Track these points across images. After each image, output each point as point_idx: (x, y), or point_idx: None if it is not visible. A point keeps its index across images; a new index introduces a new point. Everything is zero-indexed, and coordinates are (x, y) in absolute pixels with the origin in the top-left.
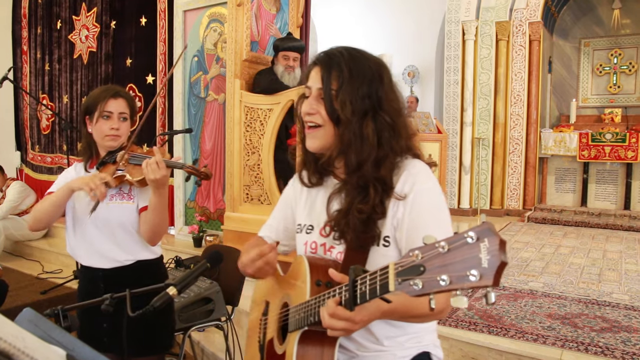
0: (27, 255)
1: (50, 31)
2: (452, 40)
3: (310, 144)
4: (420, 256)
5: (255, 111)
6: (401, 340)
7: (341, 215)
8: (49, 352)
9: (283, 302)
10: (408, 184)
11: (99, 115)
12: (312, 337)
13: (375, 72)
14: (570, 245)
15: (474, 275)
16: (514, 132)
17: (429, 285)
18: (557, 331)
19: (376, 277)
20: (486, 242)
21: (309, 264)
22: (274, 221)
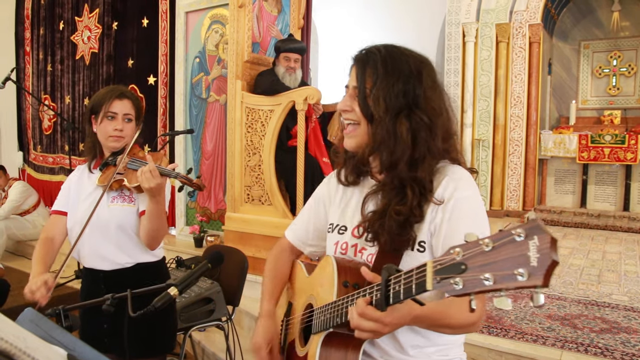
0: (29, 255)
1: (52, 32)
2: (452, 42)
3: (347, 143)
4: (461, 254)
5: (257, 112)
6: (428, 351)
7: (376, 217)
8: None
9: (307, 303)
10: (449, 189)
11: (103, 115)
12: (336, 340)
13: (414, 70)
14: (570, 247)
15: (522, 275)
16: (513, 133)
17: (471, 284)
18: (557, 332)
19: (412, 275)
20: (536, 240)
21: (337, 264)
22: (304, 221)
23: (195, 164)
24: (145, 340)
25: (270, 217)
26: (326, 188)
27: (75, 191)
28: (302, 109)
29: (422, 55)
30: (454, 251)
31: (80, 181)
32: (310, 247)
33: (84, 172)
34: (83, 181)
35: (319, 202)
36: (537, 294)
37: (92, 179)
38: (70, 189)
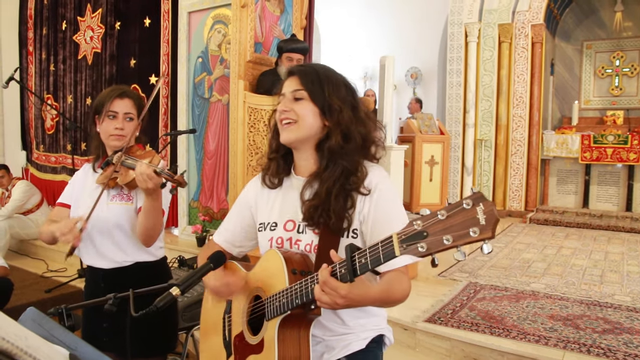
0: (32, 253)
1: (55, 32)
2: (454, 42)
3: (286, 136)
4: (421, 224)
5: (259, 112)
6: (363, 322)
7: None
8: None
9: (252, 296)
10: (373, 183)
11: (105, 114)
12: (289, 322)
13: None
14: (572, 247)
15: (474, 232)
16: (516, 133)
17: (434, 245)
18: (559, 332)
19: (377, 248)
20: (481, 206)
21: (283, 255)
22: (230, 224)
23: (198, 164)
24: (146, 339)
25: None
26: (252, 193)
27: (79, 189)
28: None
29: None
30: (415, 223)
31: (84, 179)
32: (239, 247)
33: (88, 170)
34: (87, 179)
35: (243, 206)
36: (485, 244)
37: (95, 177)
38: (74, 185)
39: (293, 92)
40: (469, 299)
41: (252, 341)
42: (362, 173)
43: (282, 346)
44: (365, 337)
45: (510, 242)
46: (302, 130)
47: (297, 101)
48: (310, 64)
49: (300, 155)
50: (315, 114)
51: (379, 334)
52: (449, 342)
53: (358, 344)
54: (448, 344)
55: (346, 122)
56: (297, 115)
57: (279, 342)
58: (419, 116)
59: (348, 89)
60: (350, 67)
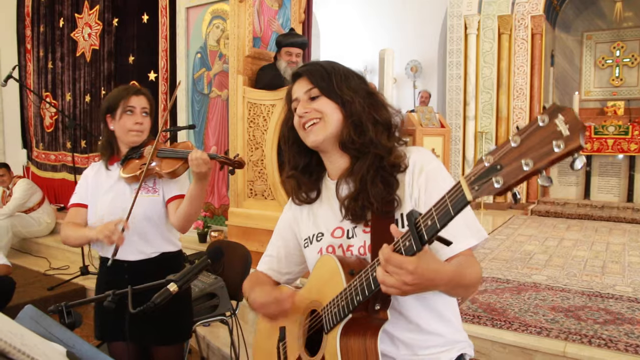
0: (34, 251)
1: (53, 29)
2: (454, 35)
3: (313, 137)
4: (492, 159)
5: (259, 107)
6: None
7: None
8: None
9: (308, 312)
10: (418, 165)
11: (122, 111)
12: (353, 329)
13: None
14: (574, 238)
15: (558, 146)
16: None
17: (511, 175)
18: (561, 324)
19: (445, 201)
20: (560, 117)
21: (337, 257)
22: (273, 250)
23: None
24: (164, 328)
25: (274, 212)
26: (290, 212)
27: (93, 187)
28: None
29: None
30: (485, 159)
31: (97, 177)
32: (285, 275)
33: (100, 169)
34: (100, 178)
35: (285, 227)
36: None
37: (110, 175)
38: (87, 184)
39: (307, 93)
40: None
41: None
42: (398, 154)
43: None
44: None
45: (512, 234)
46: (329, 127)
47: (313, 100)
48: (314, 61)
49: (328, 157)
50: (335, 108)
51: (460, 353)
52: None
53: None
54: None
55: (358, 112)
56: (319, 112)
57: (342, 355)
58: (419, 109)
59: (358, 78)
60: (350, 61)
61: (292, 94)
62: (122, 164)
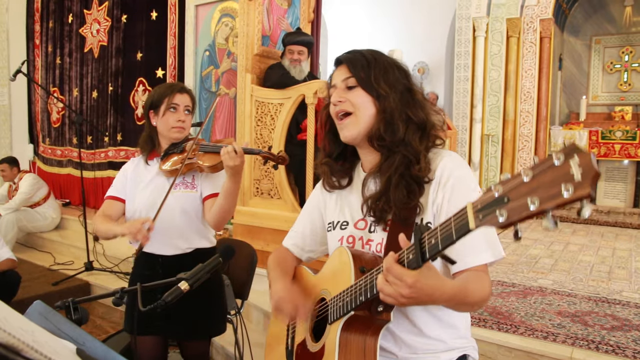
0: (39, 246)
1: (61, 25)
2: (462, 37)
3: (345, 133)
4: (501, 189)
5: (266, 105)
6: (444, 334)
7: (381, 192)
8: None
9: (318, 298)
10: (447, 170)
11: (166, 108)
12: (355, 326)
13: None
14: (579, 243)
15: (567, 190)
16: (523, 129)
17: (516, 211)
18: (567, 329)
19: (449, 224)
20: (576, 158)
21: (351, 252)
22: (300, 226)
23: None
24: (197, 323)
25: (280, 211)
26: (320, 193)
27: (132, 181)
28: (312, 102)
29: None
30: (494, 188)
31: (136, 172)
32: (309, 252)
33: (139, 163)
34: (139, 172)
35: (314, 207)
36: (585, 206)
37: (149, 169)
38: (127, 178)
39: (345, 81)
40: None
41: (313, 349)
42: (426, 161)
43: (344, 353)
44: (447, 359)
45: None
46: (361, 122)
47: (350, 90)
48: (357, 49)
49: (363, 150)
50: (369, 101)
51: (463, 354)
52: None
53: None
54: None
55: (391, 109)
56: (353, 105)
57: (340, 348)
58: None
59: (400, 71)
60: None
61: (331, 81)
62: (162, 159)
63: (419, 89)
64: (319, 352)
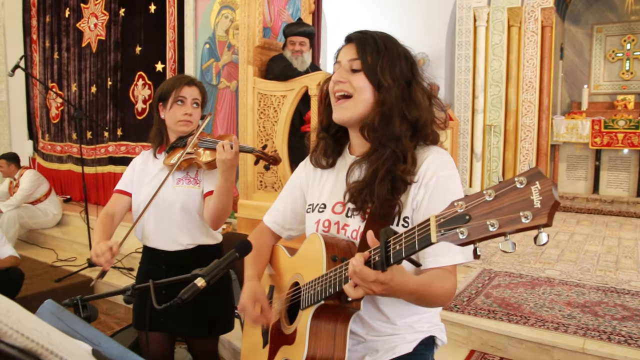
0: (41, 243)
1: (58, 19)
2: (463, 27)
3: (339, 114)
4: (464, 206)
5: (269, 98)
6: (411, 320)
7: (364, 184)
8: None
9: (293, 282)
10: (432, 167)
11: (173, 100)
12: (325, 313)
13: (408, 56)
14: (585, 233)
15: (526, 217)
16: (525, 119)
17: (476, 231)
18: (578, 319)
19: (413, 233)
20: (537, 185)
21: (324, 240)
22: (281, 204)
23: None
24: (205, 320)
25: None
26: (303, 172)
27: (140, 174)
28: (316, 94)
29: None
30: (457, 204)
31: (144, 165)
32: (289, 230)
33: (148, 157)
34: (148, 165)
35: (295, 186)
36: (541, 234)
37: (156, 163)
38: (134, 171)
39: (350, 62)
40: (484, 285)
41: (286, 331)
42: (412, 161)
43: (315, 339)
44: (413, 340)
45: None
46: (357, 107)
47: (353, 73)
48: (370, 31)
49: (354, 133)
50: (370, 89)
51: (429, 335)
52: (466, 330)
53: (405, 347)
54: (465, 332)
55: (390, 102)
56: (353, 88)
57: (310, 335)
58: None
59: (407, 63)
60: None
61: (337, 56)
62: (168, 153)
63: (423, 82)
64: (291, 335)
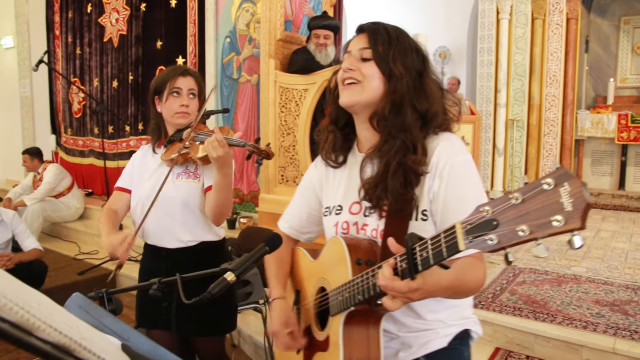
0: (64, 236)
1: (80, 15)
2: (485, 20)
3: (345, 97)
4: (490, 211)
5: (290, 91)
6: (443, 316)
7: (378, 179)
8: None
9: (319, 287)
10: (444, 155)
11: (168, 92)
12: (356, 318)
13: (419, 48)
14: (611, 230)
15: (558, 221)
16: (549, 113)
17: (506, 237)
18: (607, 318)
19: (439, 240)
20: (566, 186)
21: (346, 243)
22: (295, 208)
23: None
24: (205, 318)
25: None
26: (315, 174)
27: (139, 170)
28: None
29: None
30: (483, 209)
31: (143, 160)
32: (307, 234)
33: (147, 151)
34: (147, 160)
35: (308, 188)
36: (575, 237)
37: (155, 158)
38: (133, 167)
39: (361, 51)
40: (509, 282)
41: (318, 337)
42: (422, 151)
43: (349, 346)
44: (447, 334)
45: None
46: (365, 92)
47: (364, 62)
48: (381, 22)
49: (361, 124)
50: (380, 79)
51: (464, 328)
52: (491, 327)
53: (438, 342)
54: (490, 329)
55: (402, 91)
56: (362, 75)
57: (344, 342)
58: None
59: (418, 56)
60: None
61: (348, 47)
62: (166, 147)
63: (434, 76)
64: (324, 342)
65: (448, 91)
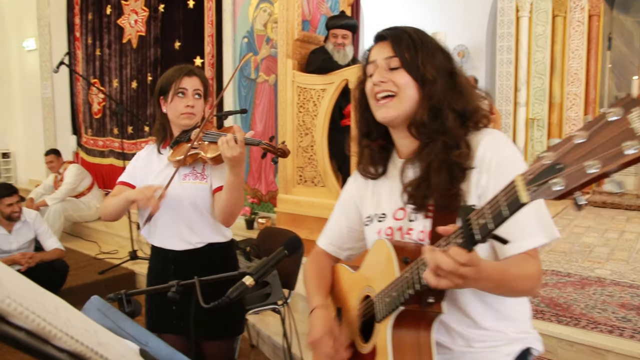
0: (85, 236)
1: (100, 17)
2: (504, 18)
3: (384, 114)
4: (552, 156)
5: (308, 91)
6: (502, 326)
7: (421, 179)
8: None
9: (362, 296)
10: (489, 150)
11: (174, 93)
12: (406, 320)
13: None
14: (636, 231)
15: (632, 147)
16: (570, 112)
17: (574, 177)
18: (634, 323)
19: (497, 201)
20: (636, 111)
21: (392, 243)
22: (335, 224)
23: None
24: (215, 322)
25: (323, 199)
26: (354, 187)
27: (143, 168)
28: None
29: None
30: (543, 156)
31: (148, 159)
32: (347, 250)
33: (152, 151)
34: (152, 160)
35: (348, 202)
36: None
37: (161, 158)
38: (137, 165)
39: (387, 60)
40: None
41: (363, 350)
42: (466, 147)
43: (398, 352)
44: (508, 353)
45: (568, 225)
46: (403, 104)
47: (393, 71)
48: (401, 26)
49: (399, 134)
50: (413, 85)
51: (526, 347)
52: None
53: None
54: None
55: (438, 95)
56: (396, 86)
57: (394, 348)
58: None
59: (444, 55)
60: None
61: (369, 56)
62: (172, 148)
63: (463, 73)
64: (369, 355)
65: (475, 85)
